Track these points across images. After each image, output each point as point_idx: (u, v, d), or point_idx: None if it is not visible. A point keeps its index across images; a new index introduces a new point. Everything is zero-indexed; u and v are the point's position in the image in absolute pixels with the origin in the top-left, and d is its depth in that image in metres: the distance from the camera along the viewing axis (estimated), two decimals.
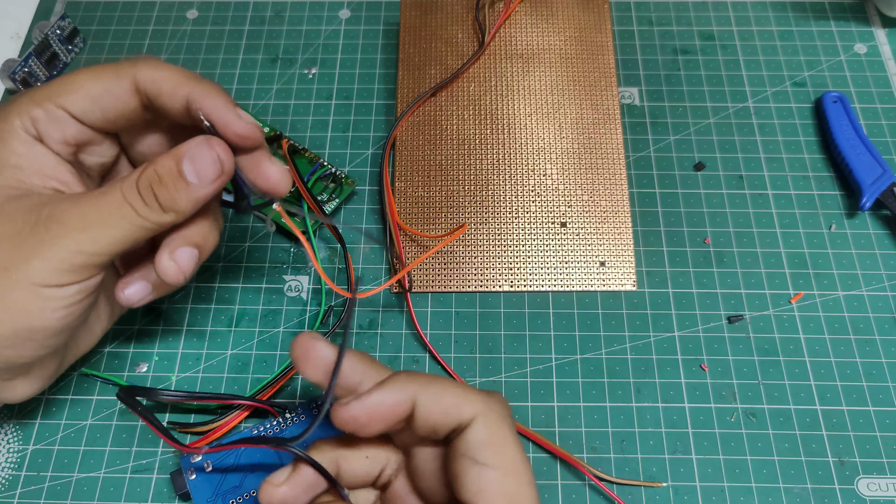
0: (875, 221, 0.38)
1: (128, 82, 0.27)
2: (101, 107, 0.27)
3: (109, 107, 0.27)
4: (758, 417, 0.33)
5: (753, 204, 0.38)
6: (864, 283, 0.36)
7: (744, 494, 0.31)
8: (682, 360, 0.34)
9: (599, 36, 0.42)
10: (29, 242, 0.25)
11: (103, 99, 0.27)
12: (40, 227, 0.25)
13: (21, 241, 0.25)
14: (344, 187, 0.38)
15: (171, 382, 0.34)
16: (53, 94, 0.27)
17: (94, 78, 0.27)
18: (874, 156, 0.38)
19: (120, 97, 0.27)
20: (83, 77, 0.27)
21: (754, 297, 0.36)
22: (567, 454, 0.31)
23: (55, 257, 0.25)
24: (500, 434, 0.23)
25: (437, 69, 0.41)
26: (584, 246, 0.37)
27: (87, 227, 0.25)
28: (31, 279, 0.24)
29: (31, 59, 0.42)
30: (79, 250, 0.25)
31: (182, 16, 0.46)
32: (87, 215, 0.25)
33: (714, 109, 0.42)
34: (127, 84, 0.27)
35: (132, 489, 0.31)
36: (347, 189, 0.38)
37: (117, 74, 0.27)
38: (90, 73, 0.27)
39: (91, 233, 0.25)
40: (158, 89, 0.27)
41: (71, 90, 0.27)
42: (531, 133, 0.39)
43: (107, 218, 0.25)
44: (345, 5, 0.46)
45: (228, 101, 0.27)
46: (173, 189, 0.25)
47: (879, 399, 0.33)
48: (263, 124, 0.40)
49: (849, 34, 0.44)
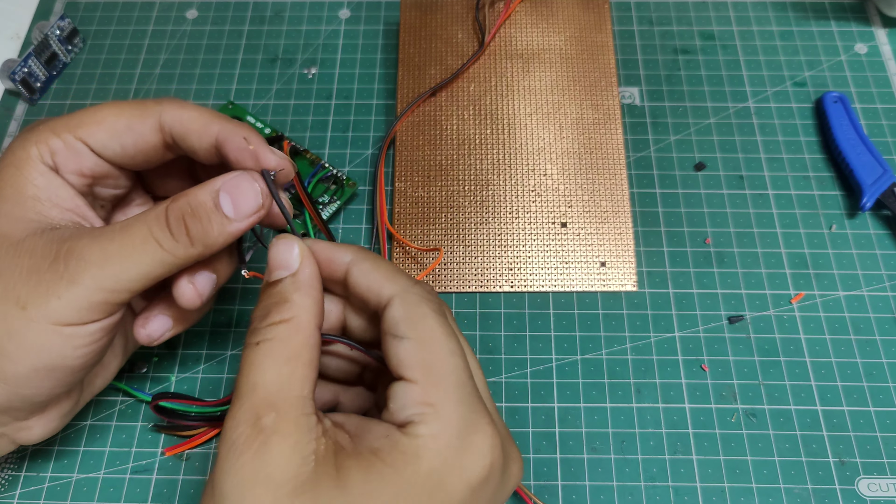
0: (875, 221, 0.38)
1: (152, 121, 0.27)
2: (121, 142, 0.27)
3: (130, 143, 0.27)
4: (758, 418, 0.33)
5: (754, 204, 0.38)
6: (864, 283, 0.36)
7: (744, 495, 0.31)
8: (682, 361, 0.34)
9: (600, 36, 0.42)
10: (48, 279, 0.24)
11: (124, 135, 0.27)
12: (59, 262, 0.24)
13: (40, 277, 0.24)
14: (345, 189, 0.38)
15: (170, 383, 0.34)
16: (73, 126, 0.27)
17: (117, 113, 0.27)
18: (875, 156, 0.38)
19: (142, 134, 0.27)
20: (106, 111, 0.27)
21: (755, 297, 0.36)
22: None
23: (75, 296, 0.24)
24: (417, 311, 0.24)
25: (437, 69, 0.41)
26: (584, 246, 0.37)
27: (107, 264, 0.24)
28: (51, 318, 0.24)
29: (31, 59, 0.42)
30: (99, 288, 0.24)
31: (182, 16, 0.46)
32: (107, 251, 0.24)
33: (714, 109, 0.42)
34: (151, 122, 0.27)
35: (132, 489, 0.31)
36: (349, 191, 0.38)
37: (142, 112, 0.27)
38: (114, 108, 0.27)
39: (112, 269, 0.24)
40: (186, 129, 0.27)
41: (91, 122, 0.27)
42: (531, 133, 0.39)
43: (129, 253, 0.24)
44: (345, 5, 0.46)
45: (260, 136, 0.27)
46: (207, 223, 0.25)
47: (880, 399, 0.33)
48: (264, 125, 0.40)
49: (849, 34, 0.44)
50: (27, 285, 0.24)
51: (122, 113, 0.27)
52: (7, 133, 0.41)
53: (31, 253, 0.24)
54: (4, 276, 0.24)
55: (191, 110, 0.27)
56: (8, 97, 0.43)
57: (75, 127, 0.27)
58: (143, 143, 0.27)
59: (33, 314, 0.24)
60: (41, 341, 0.24)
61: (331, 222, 0.38)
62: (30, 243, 0.25)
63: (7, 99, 0.43)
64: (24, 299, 0.24)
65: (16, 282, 0.24)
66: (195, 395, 0.34)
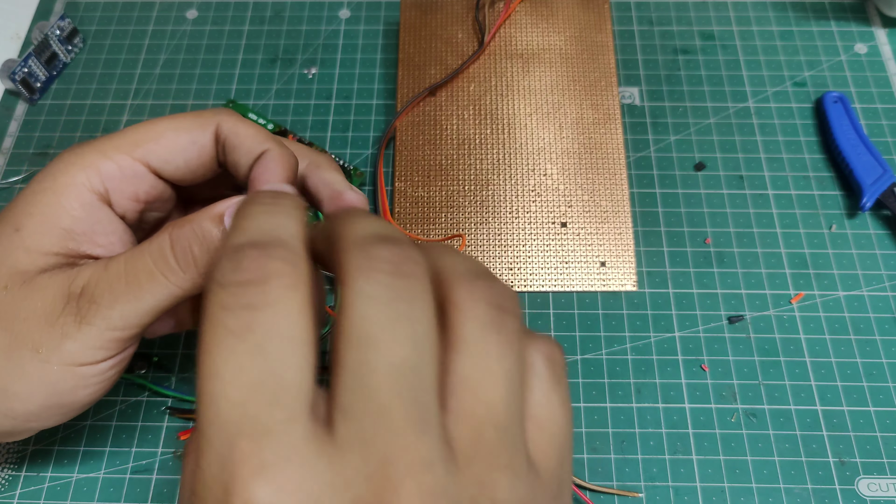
0: (875, 222, 0.38)
1: (211, 133, 0.26)
2: (185, 158, 0.25)
3: (194, 157, 0.25)
4: (758, 418, 0.33)
5: (754, 204, 0.38)
6: (864, 283, 0.36)
7: (744, 495, 0.31)
8: (682, 361, 0.34)
9: (600, 36, 0.42)
10: (62, 322, 0.23)
11: (189, 150, 0.25)
12: (72, 303, 0.23)
13: (53, 318, 0.23)
14: (353, 179, 0.38)
15: (171, 383, 0.34)
16: (128, 146, 0.25)
17: (176, 127, 0.25)
18: (874, 156, 0.38)
19: (205, 147, 0.26)
20: (163, 126, 0.25)
21: (755, 297, 0.36)
22: None
23: (88, 336, 0.23)
24: None
25: (437, 69, 0.41)
26: (584, 246, 0.37)
27: (117, 304, 0.23)
28: (64, 360, 0.23)
29: (31, 59, 0.42)
30: (111, 328, 0.23)
31: (182, 16, 0.46)
32: (115, 291, 0.23)
33: (714, 109, 0.42)
34: (210, 134, 0.26)
35: (132, 489, 0.31)
36: (356, 181, 0.38)
37: (202, 124, 0.25)
38: (171, 123, 0.25)
39: (121, 310, 0.23)
40: (238, 143, 0.25)
41: (149, 140, 0.25)
42: (531, 133, 0.39)
43: (136, 292, 0.23)
44: (345, 5, 0.46)
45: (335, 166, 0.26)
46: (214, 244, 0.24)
47: (880, 399, 0.33)
48: (267, 121, 0.40)
49: (849, 34, 0.44)
50: (41, 329, 0.23)
51: (181, 126, 0.25)
52: (7, 133, 0.41)
53: (44, 293, 0.23)
54: (19, 318, 0.23)
55: (245, 125, 0.26)
56: (8, 97, 0.43)
57: (131, 147, 0.25)
58: (206, 155, 0.26)
59: (47, 356, 0.23)
60: (54, 381, 0.23)
61: None
62: (44, 282, 0.23)
63: (7, 99, 0.43)
64: (37, 340, 0.23)
65: (30, 326, 0.23)
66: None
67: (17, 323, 0.23)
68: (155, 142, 0.25)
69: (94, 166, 0.24)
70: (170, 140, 0.25)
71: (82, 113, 0.42)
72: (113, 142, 0.25)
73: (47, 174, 0.24)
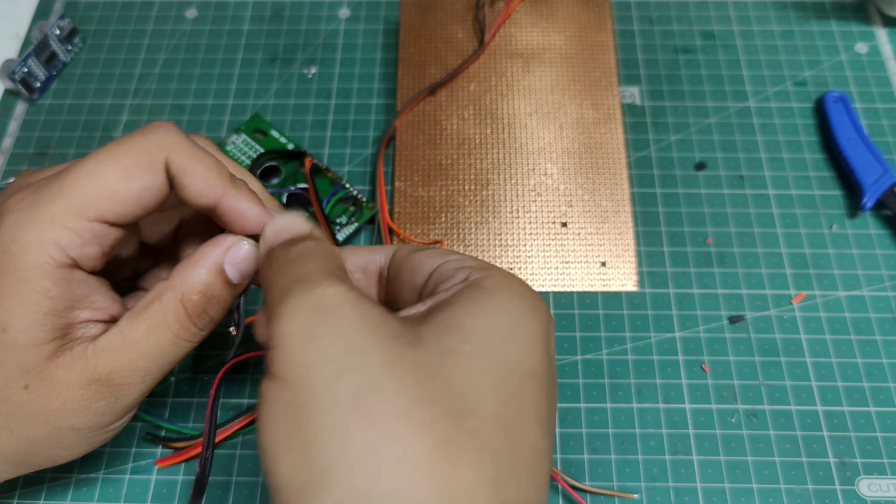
0: (876, 221, 0.38)
1: (161, 174, 0.24)
2: (141, 205, 0.23)
3: (150, 201, 0.24)
4: (759, 418, 0.33)
5: (754, 204, 0.38)
6: (865, 283, 0.36)
7: (745, 495, 0.31)
8: (682, 361, 0.34)
9: (600, 35, 0.42)
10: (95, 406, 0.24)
11: (144, 196, 0.23)
12: (103, 388, 0.24)
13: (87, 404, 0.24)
14: (364, 212, 0.37)
15: (170, 384, 0.34)
16: (81, 207, 0.23)
17: (126, 175, 0.23)
18: (875, 156, 0.38)
19: (159, 188, 0.24)
20: (111, 175, 0.23)
21: (755, 297, 0.36)
22: None
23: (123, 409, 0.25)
24: None
25: (437, 68, 0.41)
26: (584, 246, 0.37)
27: (148, 376, 0.24)
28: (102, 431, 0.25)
29: (31, 58, 0.42)
30: (128, 404, 0.25)
31: (181, 15, 0.46)
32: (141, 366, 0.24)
33: (715, 109, 0.41)
34: (161, 175, 0.24)
35: (132, 489, 0.31)
36: (367, 213, 0.37)
37: (150, 165, 0.23)
38: (118, 170, 0.23)
39: (152, 379, 0.25)
40: (188, 183, 0.24)
41: (101, 195, 0.23)
42: (531, 132, 0.39)
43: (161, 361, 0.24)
44: (344, 5, 0.46)
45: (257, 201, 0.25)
46: (224, 300, 0.25)
47: (880, 399, 0.33)
48: (288, 140, 0.39)
49: (850, 34, 0.44)
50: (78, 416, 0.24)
51: (130, 173, 0.23)
52: (6, 133, 0.41)
53: (69, 386, 0.23)
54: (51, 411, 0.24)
55: (194, 161, 0.24)
56: (8, 97, 0.43)
57: (84, 208, 0.23)
58: (162, 193, 0.24)
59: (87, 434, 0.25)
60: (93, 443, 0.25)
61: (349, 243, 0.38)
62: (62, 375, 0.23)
63: (7, 98, 0.43)
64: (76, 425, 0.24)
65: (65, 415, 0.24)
66: (193, 398, 0.34)
67: (51, 416, 0.24)
68: (107, 198, 0.23)
69: (53, 242, 0.22)
70: (122, 192, 0.23)
71: (82, 113, 0.42)
72: (63, 204, 0.22)
73: (6, 261, 0.22)
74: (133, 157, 0.23)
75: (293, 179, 0.38)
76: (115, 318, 0.25)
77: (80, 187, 0.23)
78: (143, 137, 0.24)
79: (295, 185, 0.38)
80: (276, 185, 0.38)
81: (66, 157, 0.41)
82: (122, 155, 0.23)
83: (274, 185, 0.38)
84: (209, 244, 0.25)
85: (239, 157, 0.39)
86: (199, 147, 0.25)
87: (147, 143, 0.23)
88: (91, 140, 0.41)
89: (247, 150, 0.39)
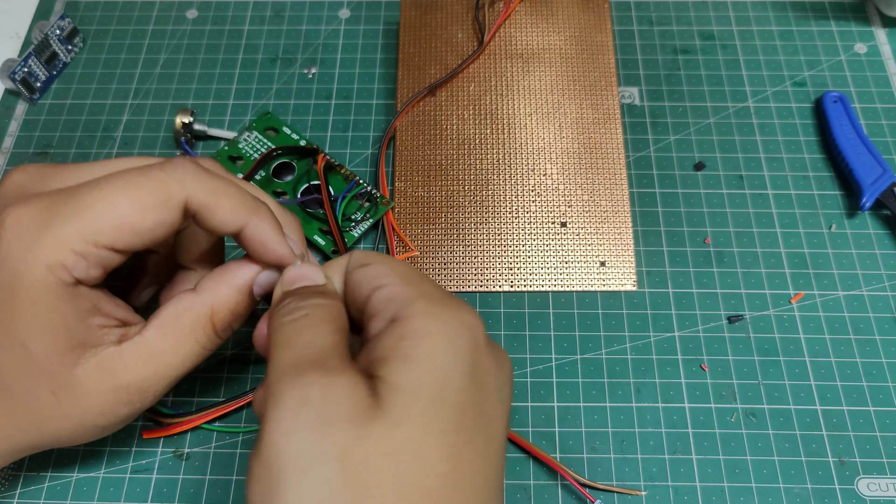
0: (875, 221, 0.38)
1: (178, 211, 0.24)
2: (151, 237, 0.24)
3: (161, 234, 0.24)
4: (758, 417, 0.33)
5: (753, 204, 0.38)
6: (864, 282, 0.36)
7: (744, 495, 0.31)
8: (682, 360, 0.34)
9: (599, 35, 0.42)
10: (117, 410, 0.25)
11: (156, 230, 0.24)
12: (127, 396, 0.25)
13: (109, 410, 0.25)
14: (379, 207, 0.37)
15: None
16: (91, 232, 0.23)
17: (141, 208, 0.23)
18: (874, 156, 0.38)
19: (172, 224, 0.24)
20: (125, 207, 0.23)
21: (754, 296, 0.36)
22: (542, 453, 0.31)
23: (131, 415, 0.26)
24: None
25: (437, 69, 0.41)
26: (584, 246, 0.37)
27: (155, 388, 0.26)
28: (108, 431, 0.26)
29: (31, 58, 0.42)
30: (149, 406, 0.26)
31: (182, 16, 0.46)
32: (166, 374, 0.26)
33: (714, 109, 0.42)
34: (178, 212, 0.24)
35: (132, 489, 0.31)
36: (382, 209, 0.37)
37: (167, 202, 0.23)
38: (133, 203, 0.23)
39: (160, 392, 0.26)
40: (211, 216, 0.24)
41: (112, 225, 0.23)
42: (531, 133, 0.39)
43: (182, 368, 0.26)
44: (344, 5, 0.46)
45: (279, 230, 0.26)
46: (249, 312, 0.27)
47: (879, 399, 0.33)
48: (300, 137, 0.39)
49: (849, 34, 0.44)
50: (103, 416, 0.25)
51: (145, 206, 0.23)
52: (7, 133, 0.41)
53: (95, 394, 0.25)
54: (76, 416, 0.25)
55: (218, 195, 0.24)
56: (8, 97, 0.43)
57: (94, 235, 0.23)
58: (173, 227, 0.24)
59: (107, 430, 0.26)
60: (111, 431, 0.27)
61: (362, 240, 0.38)
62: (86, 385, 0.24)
63: (7, 98, 0.43)
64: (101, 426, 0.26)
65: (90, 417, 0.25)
66: (194, 394, 0.34)
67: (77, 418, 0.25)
68: (119, 228, 0.23)
69: (59, 264, 0.23)
70: (135, 224, 0.23)
71: (82, 113, 0.42)
72: (74, 228, 0.23)
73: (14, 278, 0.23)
74: (152, 193, 0.23)
75: (306, 177, 0.38)
76: (124, 321, 0.26)
77: (94, 213, 0.23)
78: (164, 173, 0.24)
79: (308, 182, 0.38)
80: (289, 183, 0.38)
81: (67, 157, 0.41)
82: (141, 188, 0.23)
83: (287, 183, 0.38)
84: (241, 265, 0.26)
85: (251, 154, 0.39)
86: (221, 179, 0.25)
87: (168, 179, 0.24)
88: (91, 140, 0.41)
89: (259, 148, 0.39)
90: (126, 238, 0.23)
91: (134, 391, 0.25)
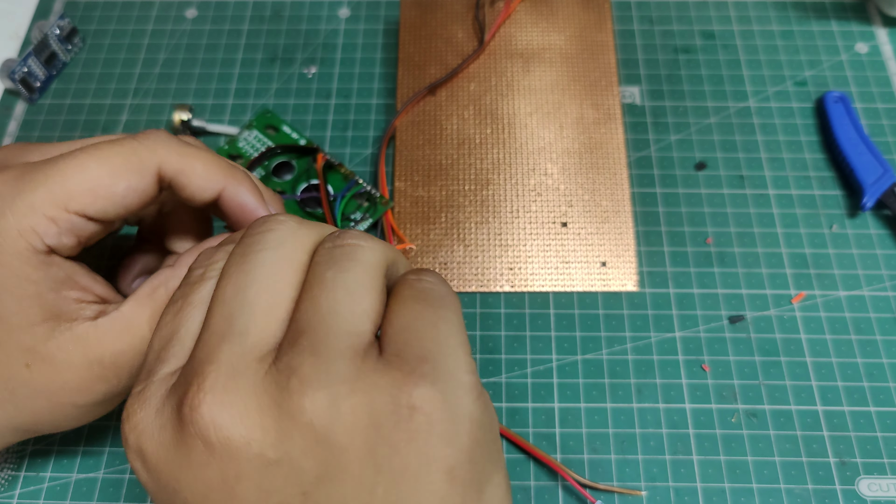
0: (876, 221, 0.38)
1: (151, 177, 0.24)
2: (124, 204, 0.24)
3: (134, 202, 0.24)
4: (759, 418, 0.33)
5: (755, 204, 0.38)
6: (865, 283, 0.36)
7: (745, 495, 0.31)
8: (683, 361, 0.34)
9: (600, 35, 0.42)
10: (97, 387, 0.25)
11: (128, 197, 0.24)
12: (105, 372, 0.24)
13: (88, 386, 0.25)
14: (378, 207, 0.37)
15: None
16: (61, 198, 0.23)
17: (112, 173, 0.23)
18: (875, 156, 0.38)
19: (146, 191, 0.24)
20: (96, 171, 0.23)
21: (755, 297, 0.36)
22: (543, 454, 0.31)
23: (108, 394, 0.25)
24: None
25: (437, 68, 0.41)
26: (585, 246, 0.37)
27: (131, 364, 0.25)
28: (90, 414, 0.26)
29: (31, 58, 0.42)
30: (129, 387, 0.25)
31: (181, 15, 0.46)
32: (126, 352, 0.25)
33: (715, 109, 0.41)
34: (151, 178, 0.24)
35: (132, 489, 0.31)
36: (381, 209, 0.37)
37: (139, 168, 0.24)
38: (105, 167, 0.23)
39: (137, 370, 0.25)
40: (187, 182, 0.25)
41: (84, 189, 0.23)
42: (532, 132, 0.39)
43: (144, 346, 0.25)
44: (344, 4, 0.46)
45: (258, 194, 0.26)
46: None
47: (881, 399, 0.33)
48: (300, 135, 0.39)
49: (850, 34, 0.44)
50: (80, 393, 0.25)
51: (117, 171, 0.23)
52: (6, 132, 0.41)
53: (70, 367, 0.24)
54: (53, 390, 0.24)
55: (192, 159, 0.24)
56: (7, 96, 0.43)
57: (65, 199, 0.23)
58: (147, 196, 0.24)
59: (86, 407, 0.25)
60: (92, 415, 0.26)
61: None
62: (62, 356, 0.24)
63: (7, 98, 0.43)
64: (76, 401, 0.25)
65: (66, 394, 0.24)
66: None
67: (52, 394, 0.24)
68: (91, 193, 0.23)
69: (30, 228, 0.23)
70: (106, 189, 0.23)
71: (82, 112, 0.42)
72: (45, 192, 0.23)
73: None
74: (123, 158, 0.24)
75: (306, 176, 0.38)
76: (103, 298, 0.25)
77: (65, 178, 0.23)
78: (136, 141, 0.24)
79: (307, 181, 0.38)
80: (288, 182, 0.38)
81: None
82: (112, 154, 0.24)
83: (287, 182, 0.38)
84: (219, 238, 0.25)
85: (251, 153, 0.39)
86: (194, 147, 0.25)
87: (139, 146, 0.24)
88: None
89: (258, 146, 0.39)
90: (98, 204, 0.23)
91: (108, 365, 0.24)
